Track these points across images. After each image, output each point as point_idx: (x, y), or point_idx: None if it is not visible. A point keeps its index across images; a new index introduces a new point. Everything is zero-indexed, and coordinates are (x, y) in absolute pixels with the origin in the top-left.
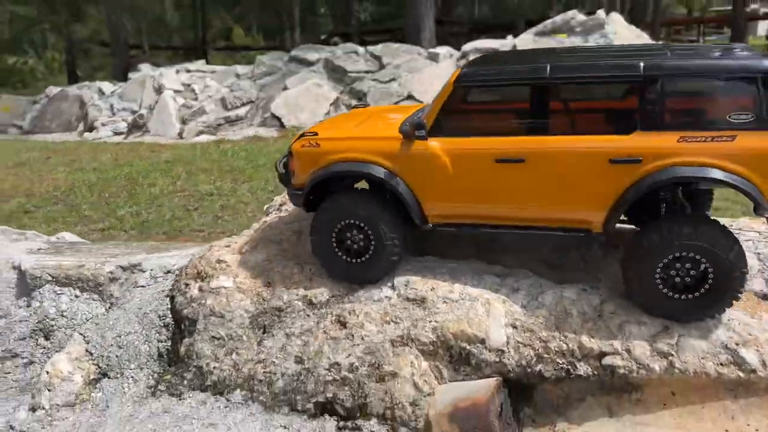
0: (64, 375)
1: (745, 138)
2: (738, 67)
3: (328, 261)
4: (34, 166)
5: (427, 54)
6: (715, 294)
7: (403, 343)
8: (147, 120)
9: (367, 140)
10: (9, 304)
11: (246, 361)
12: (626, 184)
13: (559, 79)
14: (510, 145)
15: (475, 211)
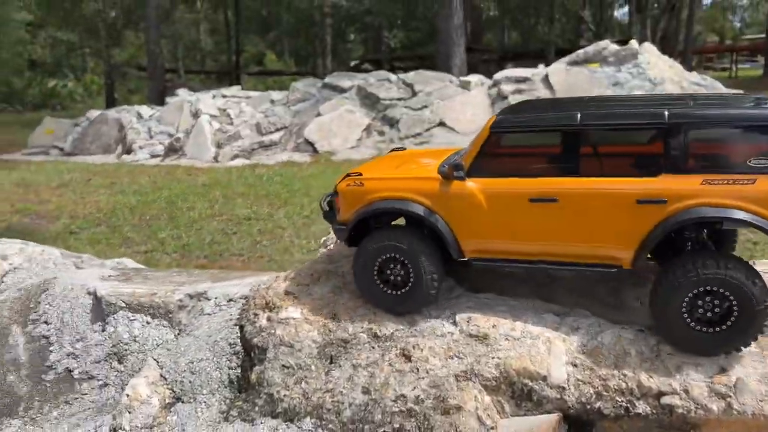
0: (143, 398)
1: (764, 181)
2: (755, 116)
3: (369, 292)
4: (77, 188)
5: (459, 82)
6: (740, 328)
7: (466, 378)
8: (183, 143)
9: (408, 180)
10: (85, 328)
11: (315, 390)
12: (653, 223)
13: (590, 126)
14: (543, 186)
15: (510, 247)
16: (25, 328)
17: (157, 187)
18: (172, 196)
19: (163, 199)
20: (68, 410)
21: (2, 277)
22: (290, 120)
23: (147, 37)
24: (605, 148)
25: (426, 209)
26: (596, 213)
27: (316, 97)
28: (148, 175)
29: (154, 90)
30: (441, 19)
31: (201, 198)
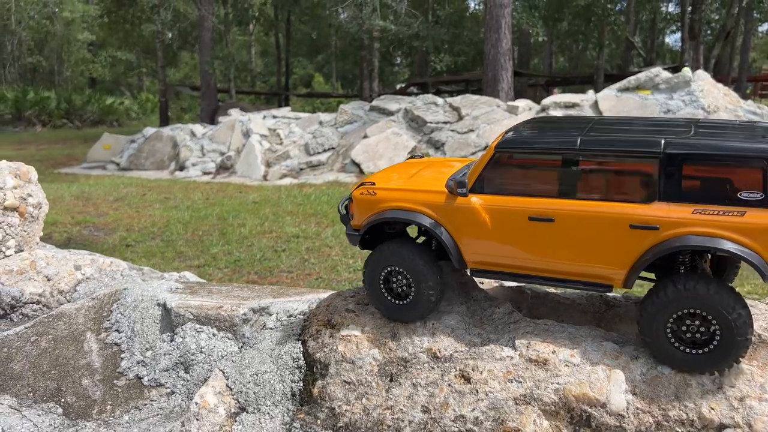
0: (211, 407)
1: (753, 214)
2: (748, 150)
3: (376, 300)
4: (132, 202)
5: (507, 106)
6: (720, 353)
7: (525, 402)
8: (234, 162)
9: (417, 192)
10: (155, 337)
11: (375, 406)
12: (645, 247)
13: (588, 151)
14: (542, 206)
15: (509, 261)
16: (99, 336)
17: (210, 203)
18: (224, 212)
19: (215, 215)
20: (138, 415)
21: (75, 286)
22: (338, 141)
23: (201, 58)
24: (603, 173)
25: (433, 221)
26: (590, 235)
27: (363, 120)
28: (200, 191)
29: (206, 109)
30: (489, 43)
31: (251, 215)
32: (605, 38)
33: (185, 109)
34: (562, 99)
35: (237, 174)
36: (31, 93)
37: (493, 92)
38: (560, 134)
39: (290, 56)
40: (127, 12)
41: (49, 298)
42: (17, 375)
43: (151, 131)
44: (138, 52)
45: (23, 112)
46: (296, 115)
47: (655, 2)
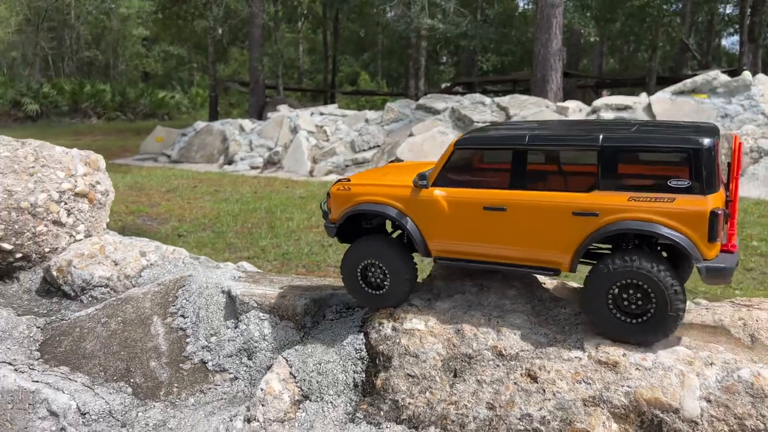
0: (276, 393)
1: (682, 200)
2: (674, 142)
3: (354, 290)
4: (183, 193)
5: (556, 107)
6: (657, 321)
7: (594, 404)
8: (281, 157)
9: (386, 187)
10: (219, 324)
11: (439, 400)
12: (586, 233)
13: (536, 145)
14: (495, 196)
15: (467, 248)
16: (165, 320)
17: (258, 197)
18: (272, 206)
19: (263, 208)
20: (203, 399)
21: (140, 272)
22: (383, 139)
23: (250, 55)
24: (549, 166)
25: (398, 212)
26: (538, 222)
27: (409, 118)
28: (249, 185)
29: (254, 105)
30: (539, 43)
31: (298, 210)
32: (659, 40)
33: (233, 104)
34: (614, 101)
35: (284, 169)
36: (87, 86)
37: (542, 93)
38: (512, 131)
39: (337, 54)
40: (180, 8)
41: (116, 282)
42: (89, 354)
43: (202, 125)
44: (189, 47)
45: (80, 104)
46: (343, 113)
47: (713, 3)
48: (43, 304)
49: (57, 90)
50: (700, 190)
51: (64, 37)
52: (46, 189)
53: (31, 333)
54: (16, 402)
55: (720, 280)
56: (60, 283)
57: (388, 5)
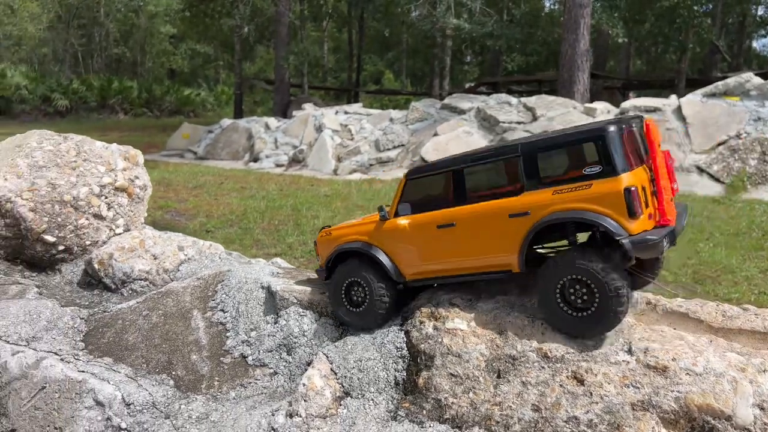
0: (318, 389)
1: (597, 184)
2: (582, 132)
3: (337, 307)
4: (210, 190)
5: (584, 108)
6: (601, 315)
7: (643, 408)
8: (306, 155)
9: (358, 226)
10: (258, 319)
11: (483, 401)
12: (524, 231)
13: (470, 163)
14: (445, 215)
15: (431, 267)
16: (205, 314)
17: (283, 194)
18: (297, 204)
19: (289, 206)
20: (244, 393)
21: (178, 266)
22: (408, 138)
23: (276, 53)
24: (484, 180)
25: (365, 244)
26: (483, 230)
27: (434, 117)
28: (274, 182)
29: (279, 103)
30: (566, 43)
31: (323, 208)
32: (689, 41)
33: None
34: (643, 103)
35: (308, 167)
36: (115, 82)
37: (568, 93)
38: (450, 157)
39: (362, 53)
40: (207, 6)
41: (155, 276)
42: (131, 346)
43: (228, 122)
44: (216, 45)
45: (107, 100)
46: (367, 112)
47: (744, 5)
48: (84, 295)
49: (86, 86)
50: (612, 172)
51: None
52: (87, 183)
53: (75, 324)
54: (63, 391)
55: (648, 251)
56: (101, 276)
57: (413, 5)
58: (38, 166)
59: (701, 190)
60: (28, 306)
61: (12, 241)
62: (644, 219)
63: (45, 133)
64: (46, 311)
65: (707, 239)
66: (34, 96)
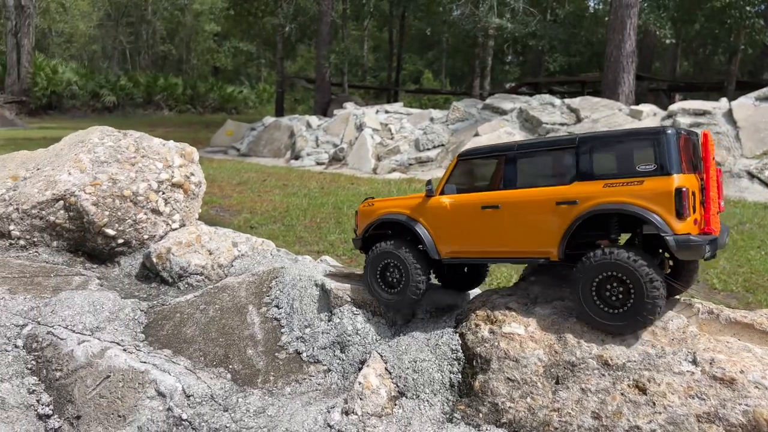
0: (373, 388)
1: (649, 182)
2: (641, 132)
3: (372, 289)
4: (254, 186)
5: (629, 111)
6: (636, 312)
7: (709, 420)
8: (346, 154)
9: (401, 200)
10: (312, 316)
11: (541, 406)
12: (569, 219)
13: (525, 149)
14: (491, 197)
15: (470, 247)
16: (260, 309)
17: (325, 192)
18: (338, 202)
19: (331, 204)
20: (299, 388)
21: (232, 262)
22: (448, 138)
23: (318, 52)
24: (536, 168)
25: (408, 218)
26: (528, 214)
27: (475, 118)
28: (315, 180)
29: (320, 102)
30: (612, 44)
31: None
32: (740, 42)
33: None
34: (692, 106)
35: (348, 166)
36: (161, 79)
37: (613, 95)
38: (505, 143)
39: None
40: (251, 5)
41: (210, 271)
42: (189, 339)
43: (270, 120)
44: (259, 43)
45: (153, 97)
46: (408, 111)
47: None
48: (142, 288)
49: (133, 82)
50: (666, 172)
51: (141, 32)
52: (146, 179)
53: (136, 316)
54: (126, 381)
55: (690, 253)
56: (159, 269)
57: (455, 4)
58: (100, 162)
59: (752, 196)
60: (91, 297)
61: (75, 234)
62: (690, 222)
63: (106, 129)
64: (108, 302)
65: (758, 247)
66: (84, 92)
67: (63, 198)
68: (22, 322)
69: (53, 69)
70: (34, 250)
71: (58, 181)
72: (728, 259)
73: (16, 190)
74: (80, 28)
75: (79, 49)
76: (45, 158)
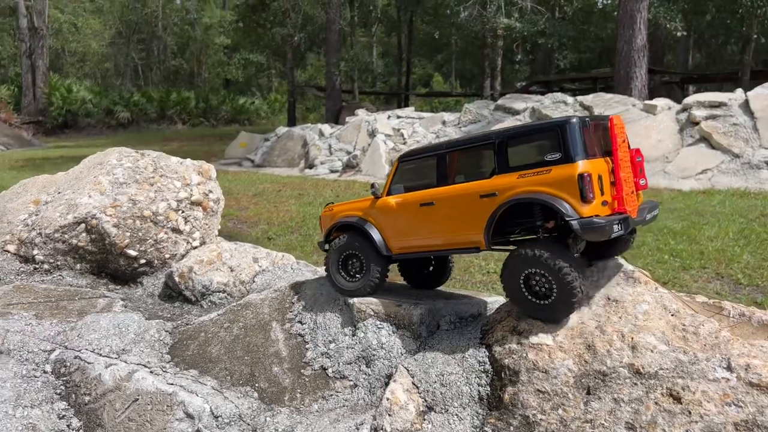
0: (401, 404)
1: (556, 170)
2: (546, 125)
3: (335, 280)
4: (269, 197)
5: (643, 106)
6: (558, 304)
7: (747, 429)
8: (360, 161)
9: (356, 203)
10: (336, 331)
11: (573, 418)
12: (491, 210)
13: (451, 148)
14: (426, 194)
15: (413, 242)
16: (283, 326)
17: (340, 200)
18: None
19: None
20: (326, 405)
21: (254, 277)
22: None
23: (327, 60)
24: (464, 164)
25: (359, 219)
26: (458, 208)
27: (487, 119)
28: (330, 188)
29: (331, 109)
30: (622, 39)
31: None
32: (753, 32)
33: (309, 108)
34: (707, 98)
35: (362, 172)
36: (173, 94)
37: (626, 90)
38: (436, 143)
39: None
40: (260, 16)
41: (232, 288)
42: (215, 358)
43: (283, 130)
44: (268, 54)
45: (166, 111)
46: (419, 115)
47: None
48: (166, 308)
49: (146, 98)
50: (570, 159)
51: (152, 48)
52: (165, 198)
53: (161, 337)
54: (154, 403)
55: (595, 234)
56: (181, 289)
57: (462, 6)
58: (119, 183)
59: None
60: (116, 319)
61: (97, 256)
62: (596, 205)
63: (123, 150)
64: (134, 324)
65: None
66: (99, 109)
67: (84, 221)
68: (50, 347)
69: (68, 88)
70: (58, 274)
71: (79, 204)
72: (752, 253)
73: (38, 214)
74: (93, 47)
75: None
76: (65, 181)
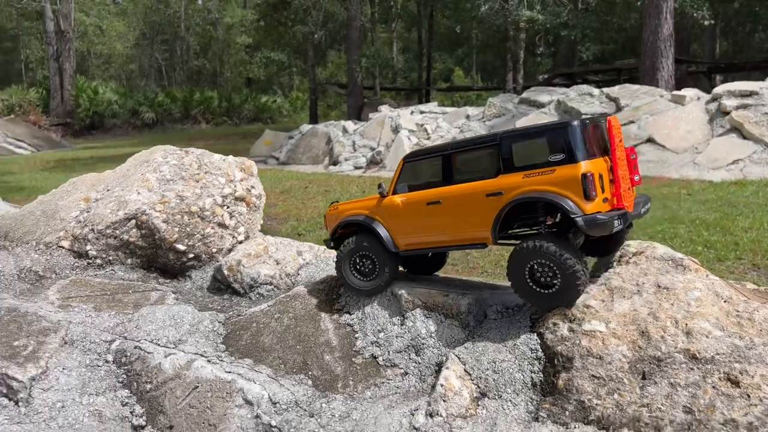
0: (456, 390)
1: (560, 170)
2: (550, 126)
3: (346, 279)
4: (297, 194)
5: (671, 96)
6: (562, 294)
7: None
8: (384, 157)
9: (361, 202)
10: (385, 321)
11: (629, 402)
12: (498, 209)
13: (456, 149)
14: (432, 193)
15: (420, 239)
16: (332, 316)
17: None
18: None
19: None
20: (378, 392)
21: (298, 270)
22: None
23: (348, 57)
24: (468, 164)
25: (366, 217)
26: (465, 207)
27: (512, 113)
28: (356, 185)
29: (353, 106)
30: (648, 29)
31: None
32: None
33: (331, 106)
34: (737, 87)
35: (386, 168)
36: (197, 93)
37: (652, 81)
38: (442, 143)
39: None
40: (281, 15)
41: (278, 280)
42: (268, 348)
43: (307, 128)
44: (290, 52)
45: (190, 111)
46: (443, 110)
47: None
48: (215, 300)
49: (170, 98)
50: (573, 160)
51: (175, 49)
52: (210, 194)
53: (215, 327)
54: (214, 390)
55: (599, 229)
56: (230, 281)
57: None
58: (166, 180)
59: None
60: (170, 311)
61: (147, 251)
62: (599, 202)
63: (168, 148)
64: (188, 316)
65: None
66: (124, 110)
67: (135, 217)
68: (110, 338)
69: (94, 90)
70: (110, 269)
71: (129, 201)
72: None
73: (89, 211)
74: (118, 49)
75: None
76: (113, 179)
